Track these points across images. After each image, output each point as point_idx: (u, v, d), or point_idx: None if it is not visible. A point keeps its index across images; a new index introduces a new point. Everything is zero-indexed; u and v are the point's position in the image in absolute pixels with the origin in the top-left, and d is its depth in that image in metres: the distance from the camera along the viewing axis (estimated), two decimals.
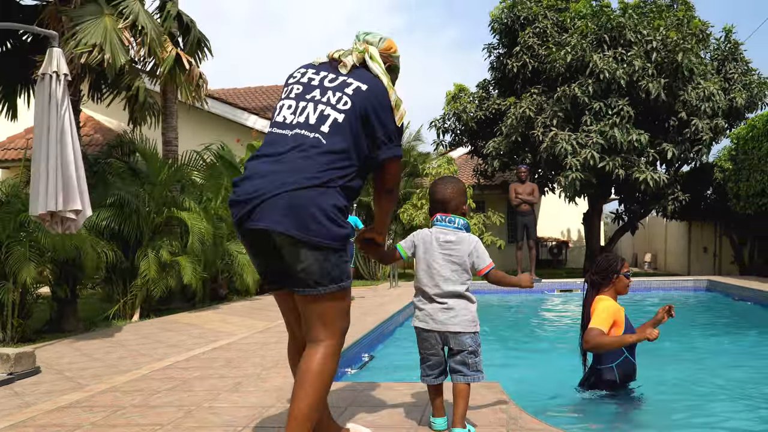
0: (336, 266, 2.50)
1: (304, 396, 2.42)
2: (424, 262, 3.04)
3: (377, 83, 2.69)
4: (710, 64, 14.87)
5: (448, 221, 3.05)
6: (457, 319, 2.98)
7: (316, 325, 2.51)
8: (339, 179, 2.53)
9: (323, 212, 2.44)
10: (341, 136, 2.56)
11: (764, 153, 12.10)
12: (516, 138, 14.81)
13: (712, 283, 12.25)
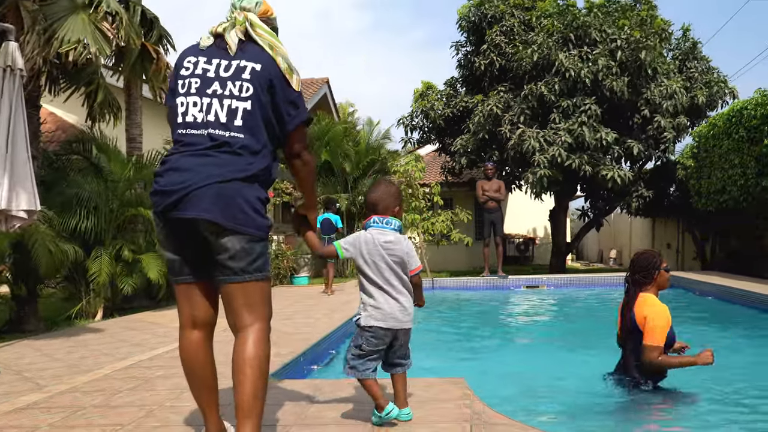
0: (260, 255, 2.60)
1: (246, 384, 2.48)
2: (371, 263, 3.10)
3: (268, 58, 2.67)
4: (672, 62, 15.12)
5: (385, 222, 3.14)
6: (410, 317, 3.14)
7: (242, 313, 2.57)
8: (261, 172, 2.62)
9: (249, 203, 2.55)
10: (254, 125, 2.61)
11: (724, 151, 12.33)
12: (483, 135, 14.89)
13: (674, 278, 12.41)
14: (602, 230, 21.95)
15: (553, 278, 13.19)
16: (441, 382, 4.05)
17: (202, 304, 2.71)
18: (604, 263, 25.13)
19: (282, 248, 13.39)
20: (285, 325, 6.89)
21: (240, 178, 2.55)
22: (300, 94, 2.74)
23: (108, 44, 7.38)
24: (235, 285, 2.57)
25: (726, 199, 12.48)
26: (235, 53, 2.66)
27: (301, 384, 4.19)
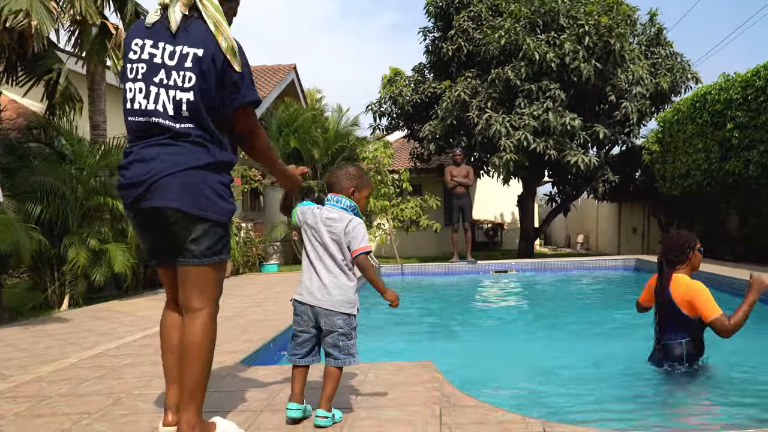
0: (221, 239, 2.70)
1: (191, 366, 2.59)
2: (311, 237, 3.06)
3: (210, 40, 2.62)
4: (638, 48, 15.28)
5: (336, 201, 3.09)
6: (332, 297, 2.96)
7: (193, 294, 2.65)
8: (221, 157, 2.67)
9: (212, 190, 2.64)
10: (200, 115, 2.62)
11: (688, 136, 12.52)
12: (451, 121, 14.93)
13: (640, 261, 12.66)
14: (570, 215, 22.22)
15: (521, 263, 13.31)
16: (410, 365, 4.08)
17: (175, 286, 2.78)
18: (571, 248, 25.45)
19: (251, 236, 13.31)
20: (254, 312, 6.86)
21: (202, 165, 2.60)
22: (243, 75, 2.69)
23: (51, 21, 7.20)
24: (191, 267, 2.64)
25: (690, 183, 12.69)
26: (177, 34, 2.63)
27: (271, 370, 4.18)
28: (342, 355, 2.96)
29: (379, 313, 8.02)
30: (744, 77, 10.45)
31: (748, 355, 5.05)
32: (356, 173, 3.18)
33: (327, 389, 2.94)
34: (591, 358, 5.32)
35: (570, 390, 4.40)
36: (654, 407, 3.92)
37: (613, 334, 6.54)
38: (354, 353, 3.00)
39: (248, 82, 2.72)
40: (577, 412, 3.84)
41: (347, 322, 2.98)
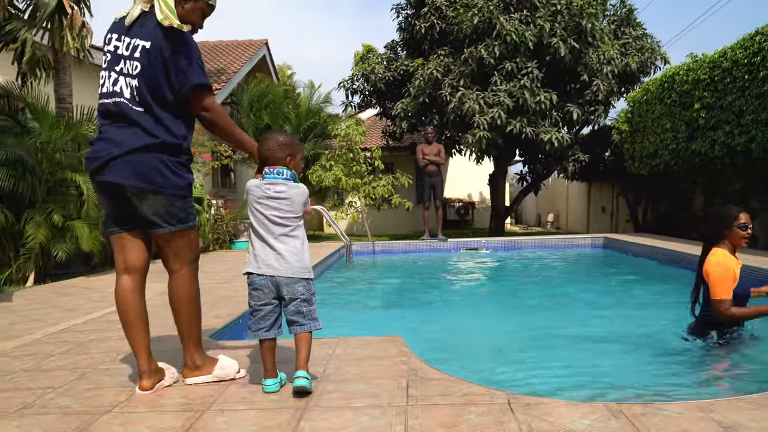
0: (182, 210, 3.07)
1: (181, 316, 3.15)
2: (257, 211, 3.05)
3: (156, 34, 2.94)
4: (608, 27, 15.35)
5: (277, 173, 3.08)
6: (289, 265, 3.00)
7: (170, 258, 3.12)
8: (171, 137, 2.99)
9: (166, 166, 2.98)
10: (146, 100, 2.95)
11: (657, 116, 12.66)
12: (424, 99, 14.91)
13: (608, 240, 12.82)
14: (540, 194, 22.40)
15: (491, 241, 13.41)
16: (378, 340, 4.10)
17: (132, 252, 3.13)
18: (542, 227, 25.67)
19: (221, 213, 13.20)
20: (223, 289, 6.83)
21: (150, 145, 2.94)
22: (190, 62, 2.97)
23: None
24: (161, 235, 3.07)
25: (658, 163, 12.85)
26: (132, 28, 3.00)
27: (240, 344, 4.18)
28: (306, 321, 3.02)
29: (349, 289, 8.04)
30: (711, 58, 10.56)
31: None
32: (287, 141, 3.16)
33: (302, 353, 3.00)
34: (557, 332, 5.41)
35: (536, 363, 4.48)
36: (619, 379, 4.00)
37: (580, 309, 6.64)
38: (317, 317, 3.07)
39: (195, 67, 2.99)
40: (543, 384, 3.90)
41: (307, 288, 3.04)
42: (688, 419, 2.54)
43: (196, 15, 3.16)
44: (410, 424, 2.55)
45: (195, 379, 3.21)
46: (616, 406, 2.72)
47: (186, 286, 3.14)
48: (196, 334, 3.21)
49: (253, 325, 3.04)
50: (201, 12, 3.18)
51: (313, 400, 2.89)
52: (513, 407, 2.73)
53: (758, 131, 9.15)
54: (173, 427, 2.59)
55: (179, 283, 3.13)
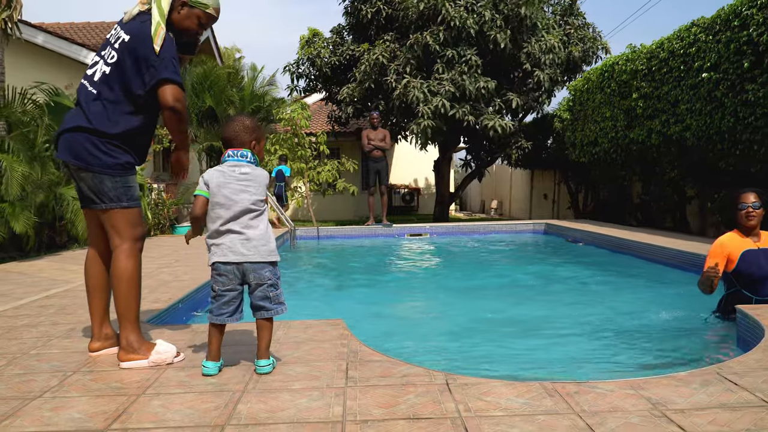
0: (113, 189, 3.18)
1: (118, 293, 3.19)
2: (221, 196, 2.97)
3: (141, 28, 3.13)
4: (552, 18, 15.58)
5: (240, 155, 3.04)
6: (257, 249, 2.96)
7: (112, 235, 3.23)
8: (108, 122, 3.13)
9: (95, 146, 3.13)
10: (110, 86, 3.14)
11: (597, 104, 12.92)
12: (369, 85, 14.88)
13: (549, 226, 13.07)
14: (484, 181, 22.67)
15: (435, 227, 13.50)
16: (319, 323, 4.09)
17: (91, 226, 3.39)
18: (486, 213, 25.99)
19: (162, 197, 12.94)
20: (163, 273, 6.71)
21: (89, 126, 3.12)
22: (162, 58, 3.10)
23: None
24: (99, 212, 3.23)
25: (597, 151, 13.14)
26: (125, 23, 3.20)
27: (178, 329, 4.11)
28: (274, 305, 3.01)
29: (292, 274, 8.00)
30: (649, 49, 10.83)
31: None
32: (253, 125, 3.13)
33: (264, 339, 3.01)
34: (498, 315, 5.50)
35: (476, 345, 4.54)
36: (557, 359, 4.09)
37: (521, 292, 6.76)
38: (283, 301, 3.06)
39: (167, 63, 3.11)
40: (482, 365, 3.97)
41: (273, 272, 3.02)
42: (619, 396, 2.62)
43: (192, 21, 3.32)
44: (348, 405, 2.56)
45: (129, 364, 3.16)
46: (551, 384, 2.78)
47: (123, 263, 3.18)
48: (133, 314, 3.22)
49: (216, 310, 2.98)
50: (197, 19, 3.33)
51: (252, 383, 2.88)
52: (451, 387, 2.76)
53: (692, 120, 9.43)
54: (105, 412, 2.54)
55: (117, 259, 3.19)
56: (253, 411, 2.52)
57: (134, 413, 2.52)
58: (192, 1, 3.29)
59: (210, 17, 3.37)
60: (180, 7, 3.27)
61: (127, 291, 3.19)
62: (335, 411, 2.50)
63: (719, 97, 8.74)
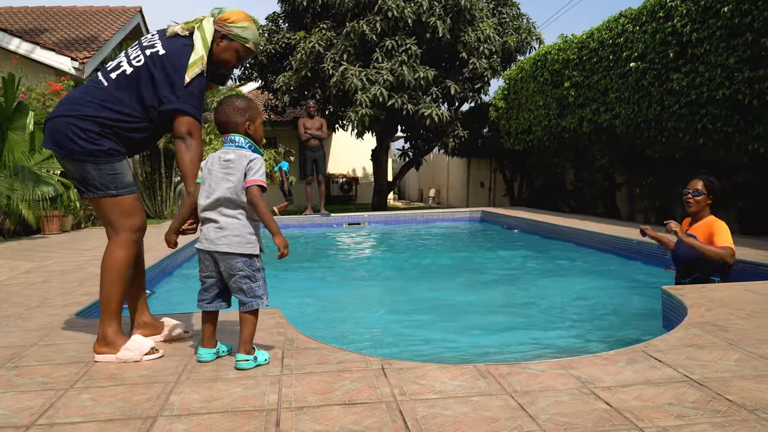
0: (97, 177, 3.07)
1: (102, 285, 3.11)
2: (206, 183, 2.92)
3: (178, 47, 3.09)
4: (486, 7, 15.75)
5: (230, 140, 2.93)
6: (227, 239, 2.85)
7: (105, 224, 3.17)
8: (99, 106, 3.03)
9: (75, 134, 3.01)
10: (124, 85, 3.06)
11: (530, 93, 13.16)
12: (306, 73, 14.78)
13: (485, 213, 13.27)
14: (422, 170, 22.81)
15: (374, 215, 13.54)
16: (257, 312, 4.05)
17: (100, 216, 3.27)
18: (423, 202, 26.20)
19: None
20: (95, 266, 6.52)
21: (74, 114, 3.03)
22: (187, 90, 3.04)
23: None
24: (90, 200, 3.14)
25: (531, 139, 13.39)
26: (166, 37, 3.16)
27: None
28: (248, 298, 2.89)
29: None
30: (580, 39, 11.07)
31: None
32: (244, 105, 2.97)
33: (243, 333, 2.91)
34: (435, 301, 5.56)
35: (413, 330, 4.59)
36: (492, 343, 4.16)
37: (457, 278, 6.85)
38: (260, 294, 2.93)
39: (190, 97, 3.05)
40: (418, 350, 4.01)
41: (248, 264, 2.88)
42: (549, 376, 2.68)
43: (230, 54, 3.25)
44: (284, 393, 2.55)
45: (101, 357, 3.07)
46: (484, 367, 2.83)
47: (111, 253, 3.10)
48: (114, 306, 3.10)
49: (198, 296, 2.96)
50: (235, 52, 3.26)
51: (185, 374, 2.83)
52: (386, 372, 2.78)
53: (621, 108, 9.70)
54: (31, 407, 2.46)
55: (107, 249, 3.12)
56: (186, 401, 2.49)
57: (62, 408, 2.46)
58: (232, 35, 3.22)
59: (249, 51, 3.30)
60: (219, 40, 3.20)
61: (110, 282, 3.08)
62: (270, 399, 2.49)
63: (646, 86, 9.01)
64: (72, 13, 17.61)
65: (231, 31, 3.21)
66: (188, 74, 3.05)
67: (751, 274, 5.31)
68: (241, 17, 3.23)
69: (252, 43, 3.28)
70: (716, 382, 2.54)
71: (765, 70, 6.77)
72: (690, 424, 2.14)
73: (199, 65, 3.08)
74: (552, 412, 2.27)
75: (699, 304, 3.87)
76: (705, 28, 7.69)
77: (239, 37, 3.22)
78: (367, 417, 2.28)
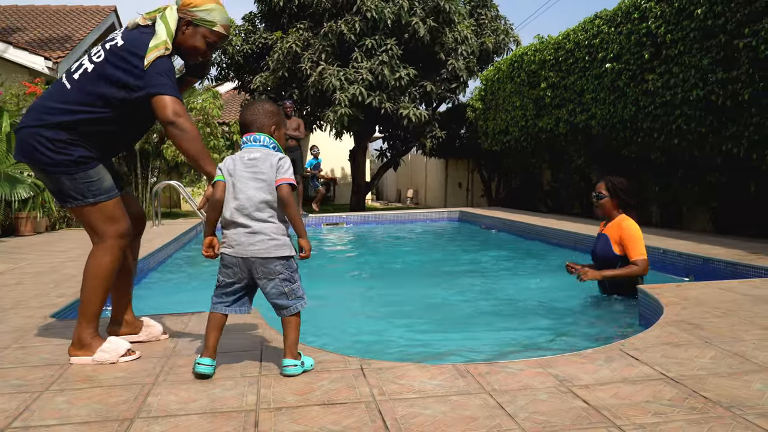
0: (72, 187, 2.98)
1: (83, 288, 3.04)
2: (230, 184, 2.78)
3: (137, 36, 3.00)
4: (464, 8, 15.82)
5: (254, 140, 2.82)
6: (264, 243, 2.72)
7: (88, 231, 3.09)
8: (63, 120, 2.93)
9: (42, 144, 2.93)
10: (85, 84, 2.97)
11: (507, 94, 13.23)
12: (283, 73, 14.73)
13: (463, 213, 13.32)
14: (400, 171, 22.85)
15: (352, 216, 13.53)
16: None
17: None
18: (402, 202, 26.22)
19: None
20: (70, 268, 6.46)
21: (36, 124, 2.95)
22: (148, 73, 2.92)
23: None
24: (69, 210, 3.07)
25: (509, 140, 13.45)
26: (127, 30, 3.08)
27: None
28: (291, 301, 2.78)
29: (206, 265, 7.84)
30: (556, 40, 11.16)
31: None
32: (274, 110, 2.90)
33: (289, 337, 2.78)
34: (413, 301, 5.56)
35: (392, 331, 4.58)
36: (470, 342, 4.17)
37: (435, 278, 6.86)
38: (302, 295, 2.81)
39: (157, 78, 2.91)
40: (397, 350, 4.01)
41: (286, 266, 2.76)
42: (528, 374, 2.70)
43: (198, 40, 3.13)
44: (263, 394, 2.54)
45: (77, 359, 3.02)
46: (463, 366, 2.84)
47: (96, 259, 3.02)
48: (92, 310, 3.03)
49: (215, 298, 2.82)
50: (203, 38, 3.13)
51: (162, 375, 2.81)
52: (365, 372, 2.78)
53: (597, 109, 9.79)
54: (5, 410, 2.42)
55: (91, 254, 3.05)
56: (164, 402, 2.46)
57: (37, 410, 2.42)
58: (196, 20, 3.10)
59: (218, 35, 3.17)
60: (185, 27, 3.09)
61: (92, 287, 3.01)
62: (249, 399, 2.47)
63: (621, 86, 9.10)
64: (45, 12, 17.39)
65: (195, 16, 3.09)
66: (147, 57, 2.92)
67: (726, 274, 5.39)
68: (204, 0, 3.11)
69: (220, 25, 3.15)
70: (692, 379, 2.57)
71: (738, 71, 6.87)
72: (667, 421, 2.16)
73: (161, 49, 2.96)
74: (530, 410, 2.29)
75: (675, 302, 3.92)
76: (679, 30, 7.78)
77: (204, 21, 3.11)
78: (347, 417, 2.28)
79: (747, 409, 2.24)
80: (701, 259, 5.90)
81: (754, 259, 5.60)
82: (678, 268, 6.16)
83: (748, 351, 2.92)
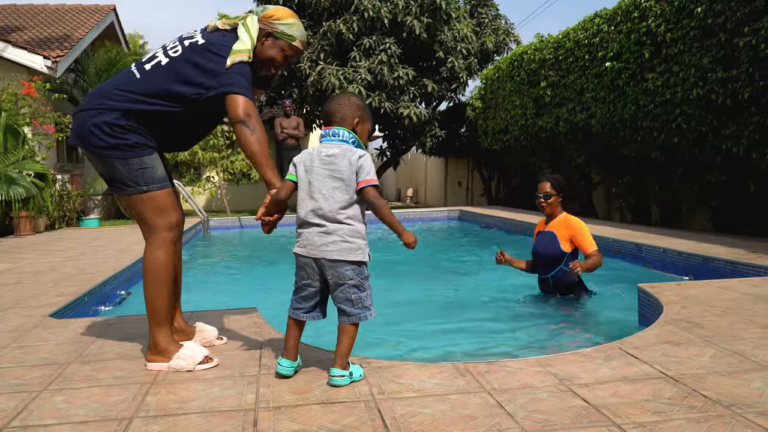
0: (125, 172, 2.91)
1: (145, 291, 2.95)
2: (305, 181, 2.66)
3: (218, 37, 3.00)
4: (464, 7, 15.81)
5: (332, 134, 2.68)
6: (336, 245, 2.59)
7: (139, 223, 3.02)
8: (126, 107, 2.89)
9: (99, 128, 2.88)
10: (156, 76, 2.93)
11: (507, 93, 13.22)
12: (282, 72, 14.71)
13: (463, 212, 13.31)
14: (399, 170, 22.82)
15: None
16: (232, 312, 4.04)
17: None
18: (402, 201, 26.20)
19: (67, 188, 12.42)
20: (69, 267, 6.45)
21: (94, 107, 2.91)
22: (229, 72, 2.89)
23: None
24: (120, 198, 3.02)
25: (508, 139, 13.45)
26: (207, 31, 3.06)
27: (83, 323, 3.96)
28: (356, 310, 2.63)
29: (206, 264, 7.85)
30: (556, 39, 11.14)
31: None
32: (360, 104, 2.78)
33: (341, 346, 2.63)
34: (413, 300, 5.57)
35: (392, 329, 4.57)
36: (470, 341, 4.17)
37: (435, 276, 6.86)
38: (369, 305, 2.68)
39: (235, 77, 2.87)
40: (397, 349, 4.01)
41: (357, 272, 2.63)
42: (527, 373, 2.69)
43: (276, 52, 3.10)
44: (261, 393, 2.53)
45: (153, 365, 2.89)
46: (462, 365, 2.83)
47: (149, 255, 2.94)
48: (156, 313, 2.92)
49: (294, 303, 2.75)
50: (282, 51, 3.11)
51: (161, 375, 2.80)
52: (365, 371, 2.77)
53: (597, 108, 9.78)
54: (4, 410, 2.42)
55: (145, 250, 2.97)
56: (162, 402, 2.46)
57: (35, 410, 2.42)
58: (277, 33, 3.09)
59: (296, 50, 3.15)
60: (264, 38, 3.07)
61: (154, 287, 2.92)
62: (248, 399, 2.47)
63: (621, 85, 9.09)
64: (44, 11, 17.38)
65: (276, 29, 3.08)
66: (232, 58, 2.91)
67: (725, 272, 5.38)
68: (286, 14, 3.11)
69: (299, 41, 3.14)
70: (692, 378, 2.56)
71: (738, 70, 6.87)
72: (666, 419, 2.15)
73: (245, 55, 2.94)
74: (530, 409, 2.28)
75: (674, 301, 3.92)
76: (679, 29, 7.78)
77: (285, 34, 3.09)
78: (346, 416, 2.27)
79: (747, 407, 2.24)
80: (701, 258, 5.90)
81: (753, 257, 5.60)
82: (678, 267, 6.16)
83: (748, 350, 2.92)
